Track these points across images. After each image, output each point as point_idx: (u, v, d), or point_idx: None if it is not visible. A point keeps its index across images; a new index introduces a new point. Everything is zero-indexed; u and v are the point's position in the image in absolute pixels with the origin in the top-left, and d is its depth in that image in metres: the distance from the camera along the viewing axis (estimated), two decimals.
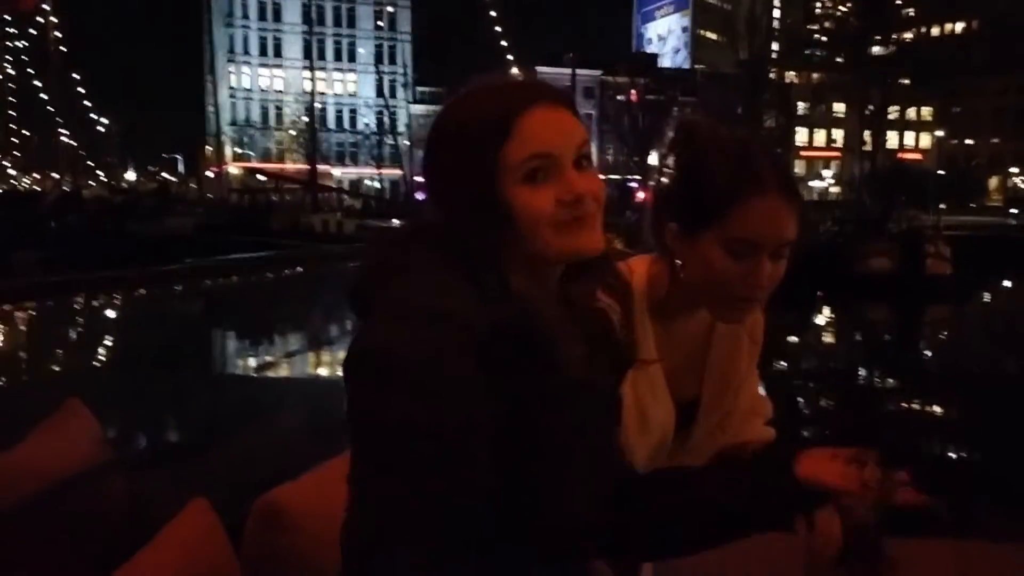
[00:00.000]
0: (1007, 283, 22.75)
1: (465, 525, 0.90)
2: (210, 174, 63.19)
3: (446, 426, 0.87)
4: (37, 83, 54.75)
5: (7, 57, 63.29)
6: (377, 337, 0.90)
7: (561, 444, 0.96)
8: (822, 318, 17.17)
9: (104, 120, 73.04)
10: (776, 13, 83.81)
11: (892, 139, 66.92)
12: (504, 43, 59.98)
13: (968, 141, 69.49)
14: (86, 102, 63.02)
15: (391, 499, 0.88)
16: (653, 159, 53.17)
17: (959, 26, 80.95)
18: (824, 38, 55.30)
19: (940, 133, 63.98)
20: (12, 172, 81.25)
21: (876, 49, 51.19)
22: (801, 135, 70.89)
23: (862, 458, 1.07)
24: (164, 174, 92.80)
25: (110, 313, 11.59)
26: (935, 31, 79.63)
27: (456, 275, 0.94)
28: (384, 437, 0.88)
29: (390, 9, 73.11)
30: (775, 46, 59.96)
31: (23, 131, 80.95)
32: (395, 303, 0.92)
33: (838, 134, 70.92)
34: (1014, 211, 48.46)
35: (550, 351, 0.95)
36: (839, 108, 66.20)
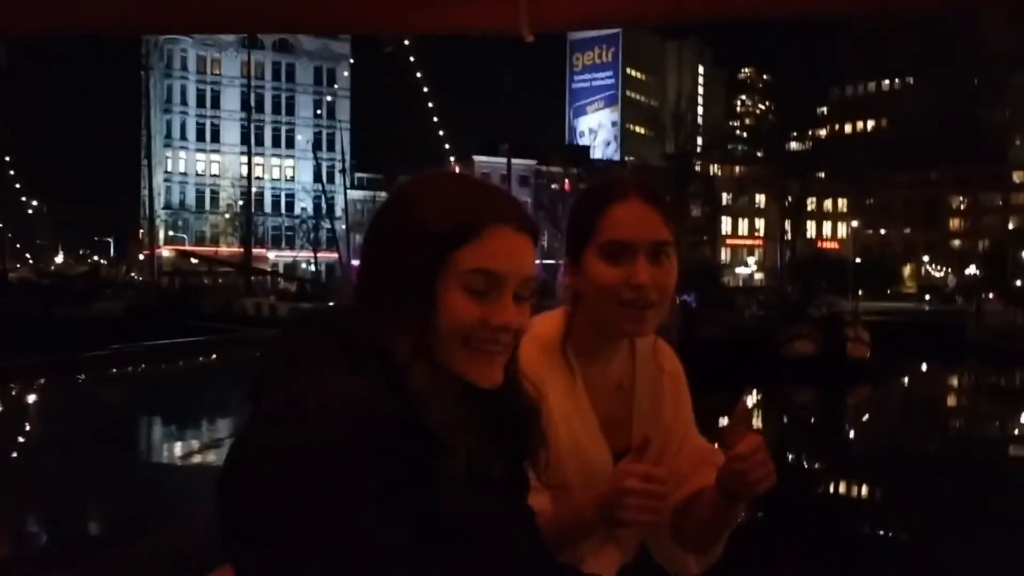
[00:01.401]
0: (923, 366, 23.61)
1: None
2: (142, 257, 61.94)
3: (335, 518, 0.83)
4: None
5: None
6: (262, 432, 0.86)
7: (452, 534, 0.94)
8: (750, 400, 17.47)
9: (34, 203, 71.37)
10: (699, 110, 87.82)
11: (811, 228, 69.84)
12: (441, 132, 61.11)
13: (882, 231, 72.92)
14: (16, 184, 61.66)
15: None
16: None
17: (870, 124, 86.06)
18: (745, 134, 58.02)
19: (855, 223, 66.99)
20: None
21: (793, 144, 53.86)
22: (726, 224, 73.37)
23: None
24: (95, 257, 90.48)
25: (31, 398, 11.10)
26: (847, 128, 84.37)
27: (346, 365, 0.91)
28: (270, 533, 0.83)
29: (329, 99, 74.13)
30: (699, 140, 62.53)
31: None
32: (282, 396, 0.89)
33: (760, 223, 73.61)
34: (927, 297, 50.71)
35: (439, 444, 0.91)
36: (761, 199, 68.92)
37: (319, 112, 73.52)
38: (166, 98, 69.09)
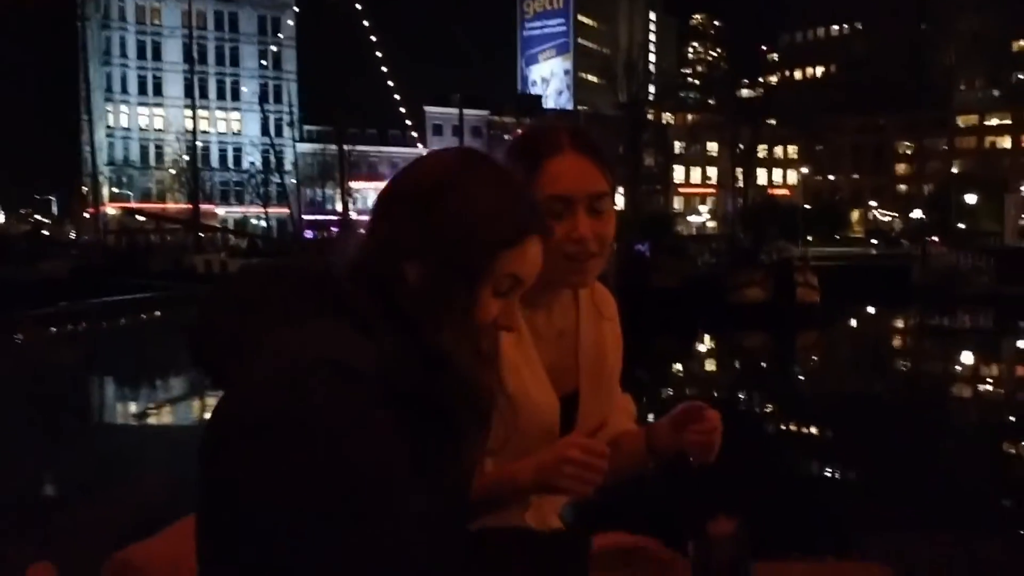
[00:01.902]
0: (871, 309, 24.22)
1: None
2: (87, 215, 60.38)
3: (374, 484, 0.82)
4: None
5: None
6: (280, 396, 0.81)
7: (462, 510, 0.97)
8: (703, 346, 17.77)
9: None
10: (652, 57, 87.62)
11: (762, 176, 70.54)
12: (391, 83, 60.11)
13: (831, 177, 74.03)
14: None
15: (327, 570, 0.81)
16: None
17: (819, 70, 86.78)
18: (697, 81, 58.06)
19: (805, 170, 67.84)
20: None
21: (744, 92, 54.09)
22: (679, 173, 73.75)
23: None
24: (37, 216, 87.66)
25: None
26: (797, 75, 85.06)
27: (346, 326, 0.89)
28: (306, 506, 0.79)
29: (274, 49, 72.13)
30: (652, 88, 62.45)
31: None
32: (287, 357, 0.84)
33: (712, 171, 74.14)
34: (874, 241, 51.88)
35: (456, 424, 0.94)
36: (713, 147, 69.31)
37: (264, 63, 71.49)
38: (105, 50, 66.58)
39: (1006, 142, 73.90)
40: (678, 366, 14.50)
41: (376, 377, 0.85)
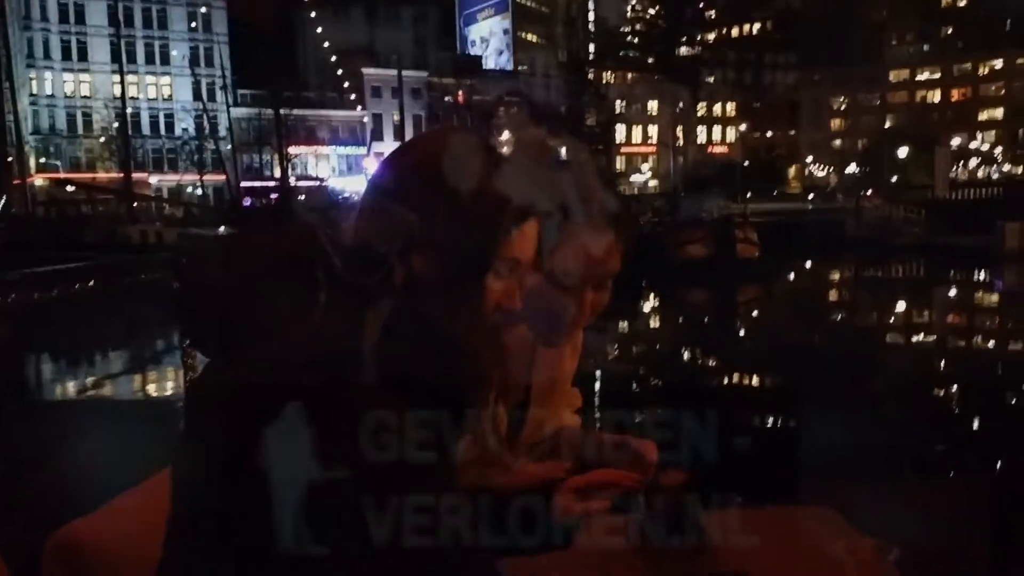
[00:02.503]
0: (807, 263, 24.81)
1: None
2: (13, 187, 58.14)
3: (391, 467, 0.83)
4: None
5: None
6: (296, 383, 0.83)
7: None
8: (648, 305, 18.00)
9: None
10: (591, 16, 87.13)
11: (702, 134, 71.21)
12: (327, 44, 58.74)
13: (768, 133, 75.02)
14: None
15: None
16: None
17: (755, 27, 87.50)
18: (636, 40, 58.02)
19: (743, 127, 68.54)
20: None
21: (683, 50, 54.28)
22: (620, 132, 73.94)
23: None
24: None
25: None
26: (735, 32, 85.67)
27: (356, 314, 0.89)
28: (323, 483, 0.81)
29: (203, 10, 69.78)
30: (591, 47, 62.26)
31: None
32: (300, 344, 0.85)
33: (653, 130, 74.45)
34: (811, 196, 52.93)
35: (465, 408, 0.95)
36: (653, 106, 69.50)
37: (194, 25, 69.17)
38: (24, 14, 63.61)
39: (936, 96, 75.72)
40: (623, 324, 14.67)
41: (388, 366, 0.86)
